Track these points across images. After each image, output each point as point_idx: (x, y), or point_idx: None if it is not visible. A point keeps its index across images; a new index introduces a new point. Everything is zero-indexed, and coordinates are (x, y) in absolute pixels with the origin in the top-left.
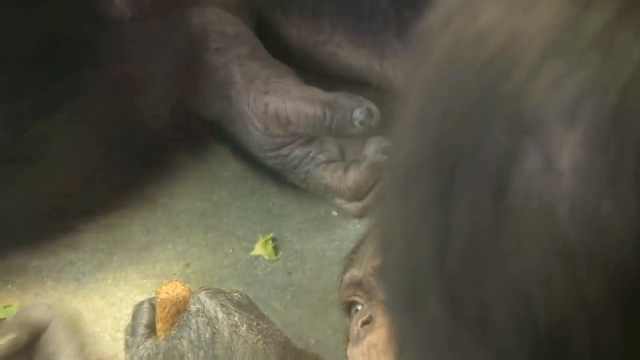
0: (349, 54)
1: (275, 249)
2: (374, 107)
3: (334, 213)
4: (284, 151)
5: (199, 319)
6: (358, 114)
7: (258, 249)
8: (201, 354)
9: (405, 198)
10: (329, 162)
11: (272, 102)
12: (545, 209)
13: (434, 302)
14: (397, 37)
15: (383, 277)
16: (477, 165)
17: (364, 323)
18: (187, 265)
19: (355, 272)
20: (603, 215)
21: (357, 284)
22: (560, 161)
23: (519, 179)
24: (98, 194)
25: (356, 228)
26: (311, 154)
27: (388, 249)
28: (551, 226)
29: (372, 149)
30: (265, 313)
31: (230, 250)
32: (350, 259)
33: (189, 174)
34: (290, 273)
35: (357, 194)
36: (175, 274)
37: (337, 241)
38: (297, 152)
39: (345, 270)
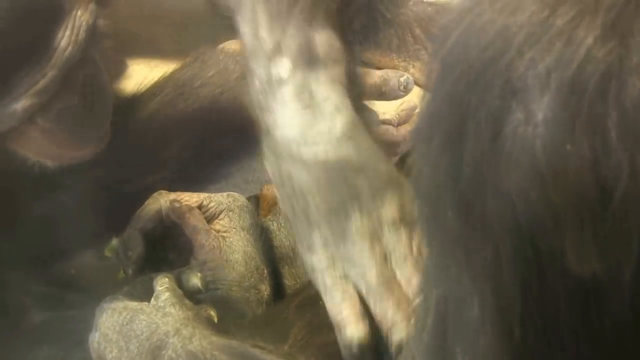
0: None
1: None
2: (411, 77)
3: None
4: None
5: None
6: (403, 81)
7: None
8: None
9: (429, 140)
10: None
11: None
12: (526, 147)
13: (451, 212)
14: None
15: (418, 196)
16: (480, 117)
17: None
18: None
19: None
20: (565, 152)
21: None
22: (536, 115)
23: (508, 127)
24: None
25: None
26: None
27: (419, 176)
28: (530, 158)
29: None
30: None
31: None
32: None
33: None
34: None
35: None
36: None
37: None
38: None
39: None
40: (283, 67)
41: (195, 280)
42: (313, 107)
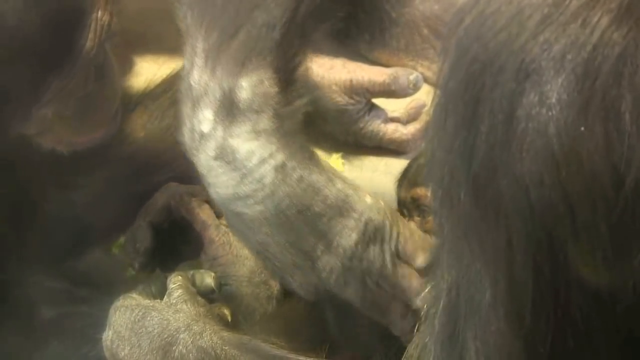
0: None
1: (343, 164)
2: (420, 74)
3: None
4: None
5: None
6: (412, 79)
7: (331, 163)
8: None
9: (444, 122)
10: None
11: (353, 77)
12: (540, 130)
13: (464, 195)
14: None
15: (430, 179)
16: (494, 99)
17: None
18: None
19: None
20: (578, 135)
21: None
22: (550, 97)
23: (522, 109)
24: None
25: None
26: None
27: (432, 160)
28: (543, 141)
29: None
30: None
31: None
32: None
33: None
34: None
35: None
36: None
37: (385, 159)
38: (366, 117)
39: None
40: (205, 120)
41: (209, 280)
42: (237, 163)
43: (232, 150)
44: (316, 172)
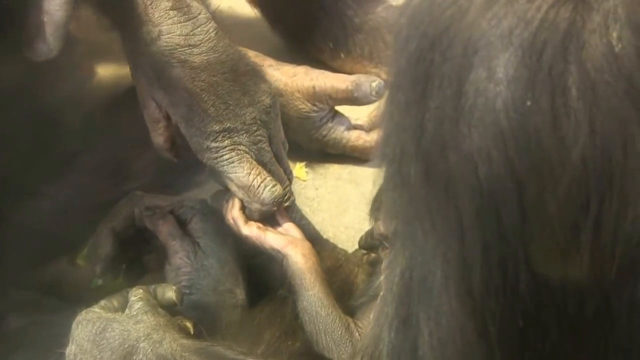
0: None
1: (307, 172)
2: (383, 82)
3: None
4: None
5: None
6: (375, 86)
7: (295, 172)
8: None
9: (395, 99)
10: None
11: (316, 84)
12: (487, 105)
13: (414, 172)
14: None
15: (383, 159)
16: (443, 74)
17: None
18: None
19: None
20: (526, 110)
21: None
22: (498, 72)
23: (470, 85)
24: None
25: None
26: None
27: (385, 139)
28: (491, 117)
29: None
30: (299, 216)
31: None
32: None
33: None
34: (317, 189)
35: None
36: None
37: (349, 167)
38: (330, 124)
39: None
40: None
41: (170, 293)
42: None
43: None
44: None
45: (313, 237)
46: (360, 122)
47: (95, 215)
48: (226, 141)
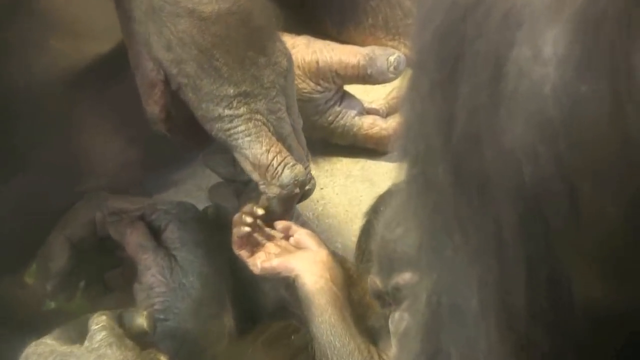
0: None
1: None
2: (403, 55)
3: None
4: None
5: None
6: (393, 60)
7: None
8: None
9: (417, 84)
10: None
11: (320, 59)
12: (533, 91)
13: (441, 173)
14: None
15: (404, 157)
16: (477, 54)
17: None
18: None
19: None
20: (580, 97)
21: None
22: (545, 51)
23: (512, 65)
24: None
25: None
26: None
27: (406, 133)
28: (537, 105)
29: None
30: (301, 222)
31: None
32: (369, 221)
33: None
34: (322, 189)
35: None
36: None
37: (361, 161)
38: (337, 108)
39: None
40: None
41: (140, 320)
42: None
43: None
44: None
45: None
46: (374, 106)
47: (47, 221)
48: (242, 108)
